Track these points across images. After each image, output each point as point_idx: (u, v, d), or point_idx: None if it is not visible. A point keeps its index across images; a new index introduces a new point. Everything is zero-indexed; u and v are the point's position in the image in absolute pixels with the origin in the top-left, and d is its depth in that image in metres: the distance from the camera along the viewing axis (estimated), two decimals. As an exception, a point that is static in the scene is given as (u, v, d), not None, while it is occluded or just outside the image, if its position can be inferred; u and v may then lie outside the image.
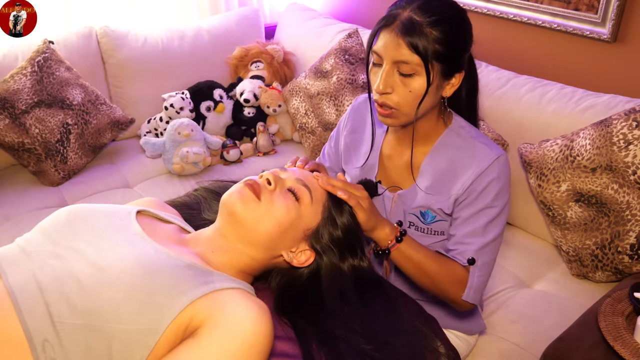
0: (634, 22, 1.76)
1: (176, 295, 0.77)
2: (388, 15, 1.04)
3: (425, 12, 1.01)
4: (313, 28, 2.62)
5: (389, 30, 1.02)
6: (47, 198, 1.99)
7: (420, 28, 1.00)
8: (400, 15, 1.02)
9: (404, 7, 1.03)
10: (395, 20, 1.02)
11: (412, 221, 1.20)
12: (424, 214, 1.18)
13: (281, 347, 0.88)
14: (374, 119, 1.22)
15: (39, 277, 0.77)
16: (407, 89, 1.04)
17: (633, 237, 1.49)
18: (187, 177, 2.15)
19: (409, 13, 1.01)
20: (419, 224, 1.19)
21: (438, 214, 1.16)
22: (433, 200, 1.15)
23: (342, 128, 1.34)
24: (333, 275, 0.96)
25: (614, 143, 1.50)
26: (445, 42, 1.01)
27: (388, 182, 1.23)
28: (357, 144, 1.28)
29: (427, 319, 1.09)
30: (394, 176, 1.22)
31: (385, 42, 1.03)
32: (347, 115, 1.34)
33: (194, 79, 2.46)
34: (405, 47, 1.00)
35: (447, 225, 1.18)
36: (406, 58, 1.01)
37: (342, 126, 1.34)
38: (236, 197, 0.91)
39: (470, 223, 1.12)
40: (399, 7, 1.04)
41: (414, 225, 1.19)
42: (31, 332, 0.72)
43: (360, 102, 1.32)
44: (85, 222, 0.89)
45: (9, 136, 1.95)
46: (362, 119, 1.30)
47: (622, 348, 1.10)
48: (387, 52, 1.03)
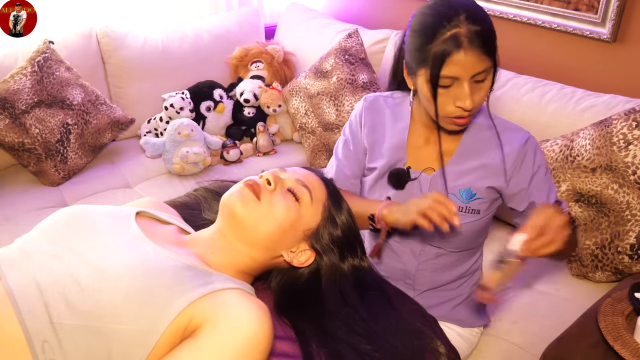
0: (634, 22, 1.76)
1: (175, 296, 0.77)
2: (448, 39, 1.02)
3: (478, 20, 1.03)
4: (313, 28, 2.62)
5: (462, 52, 1.02)
6: (47, 198, 1.99)
7: (485, 35, 1.03)
8: (461, 34, 1.02)
9: (457, 24, 1.02)
10: (461, 41, 1.02)
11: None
12: (464, 192, 1.22)
13: (281, 347, 0.88)
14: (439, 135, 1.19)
15: (38, 278, 0.77)
16: (481, 93, 1.08)
17: (633, 237, 1.49)
18: (187, 177, 2.15)
19: (467, 27, 1.02)
20: (458, 202, 1.22)
21: (479, 191, 1.21)
22: (475, 177, 1.21)
23: (360, 127, 1.31)
24: (333, 275, 0.96)
25: (614, 143, 1.50)
26: (495, 38, 1.07)
27: (420, 167, 1.25)
28: (379, 142, 1.29)
29: (427, 319, 1.09)
30: (427, 161, 1.25)
31: (461, 64, 1.03)
32: (361, 114, 1.31)
33: (194, 79, 2.46)
34: (482, 58, 1.03)
35: (484, 204, 1.22)
36: (484, 67, 1.05)
37: (359, 125, 1.32)
38: (236, 198, 0.91)
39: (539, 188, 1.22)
40: (452, 27, 1.02)
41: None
42: (30, 333, 0.72)
43: (371, 101, 1.31)
44: (85, 223, 0.89)
45: (9, 136, 1.95)
46: (379, 117, 1.29)
47: (622, 348, 1.10)
48: (466, 72, 1.04)
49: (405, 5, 2.55)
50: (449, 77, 1.05)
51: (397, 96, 1.30)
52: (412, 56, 1.10)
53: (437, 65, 1.04)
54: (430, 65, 1.05)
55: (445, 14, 1.03)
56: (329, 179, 1.05)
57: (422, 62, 1.07)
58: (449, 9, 1.04)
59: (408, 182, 1.24)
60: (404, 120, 1.26)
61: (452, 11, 1.04)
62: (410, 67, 1.13)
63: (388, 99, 1.30)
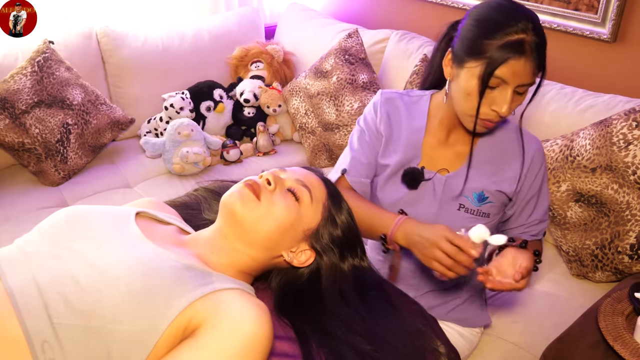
0: (634, 22, 1.76)
1: (175, 296, 0.77)
2: (514, 43, 1.01)
3: (542, 33, 1.04)
4: (313, 28, 2.62)
5: (522, 59, 1.02)
6: (47, 198, 1.99)
7: (544, 50, 1.04)
8: (527, 41, 1.01)
9: (525, 31, 1.02)
10: (525, 49, 1.01)
11: (462, 203, 1.22)
12: (477, 195, 1.22)
13: (281, 347, 0.88)
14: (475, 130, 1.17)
15: (38, 278, 0.77)
16: (517, 103, 1.09)
17: (633, 237, 1.49)
18: (187, 177, 2.15)
19: (532, 36, 1.02)
20: (470, 205, 1.22)
21: (492, 195, 1.21)
22: (488, 181, 1.21)
23: (377, 118, 1.28)
24: (333, 275, 0.96)
25: (613, 143, 1.50)
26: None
27: (434, 167, 1.24)
28: (394, 137, 1.27)
29: (427, 319, 1.09)
30: (441, 162, 1.24)
31: (516, 69, 1.03)
32: (378, 106, 1.28)
33: (194, 79, 2.46)
34: (534, 72, 1.04)
35: (495, 207, 1.23)
36: (532, 80, 1.05)
37: (375, 116, 1.28)
38: (236, 198, 0.91)
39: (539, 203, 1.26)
40: (519, 31, 1.02)
41: (464, 207, 1.22)
42: (30, 333, 0.72)
43: (388, 96, 1.28)
44: (85, 223, 0.89)
45: (9, 136, 1.95)
46: (396, 112, 1.27)
47: (622, 348, 1.10)
48: (515, 79, 1.04)
49: (405, 5, 2.55)
50: (499, 79, 1.04)
51: (413, 95, 1.29)
52: (466, 45, 1.07)
53: (495, 64, 1.02)
54: (488, 62, 1.03)
55: (516, 16, 1.02)
56: (329, 179, 1.05)
57: (477, 55, 1.05)
58: (520, 13, 1.03)
59: (422, 182, 1.23)
60: (420, 119, 1.25)
61: (522, 16, 1.03)
62: (458, 56, 1.09)
63: (404, 97, 1.28)
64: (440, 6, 2.36)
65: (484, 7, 1.09)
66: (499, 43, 1.02)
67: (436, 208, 1.23)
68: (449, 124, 1.22)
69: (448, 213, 1.22)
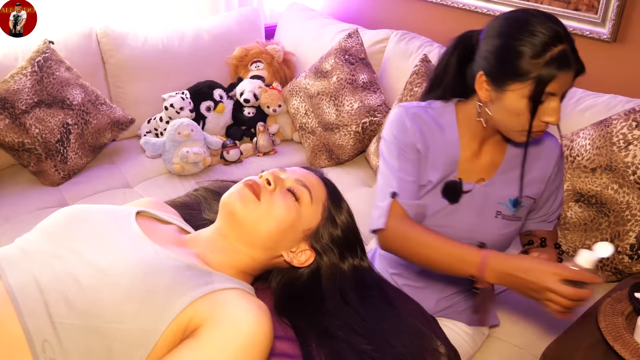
0: (634, 22, 1.76)
1: (176, 296, 0.77)
2: (558, 58, 1.00)
3: (569, 33, 1.03)
4: (313, 28, 2.62)
5: (570, 72, 1.02)
6: (47, 198, 1.99)
7: (576, 49, 1.03)
8: (568, 51, 1.01)
9: (561, 40, 1.01)
10: (569, 60, 1.01)
11: (499, 210, 1.23)
12: (512, 201, 1.23)
13: (281, 347, 0.88)
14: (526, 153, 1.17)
15: (38, 277, 0.77)
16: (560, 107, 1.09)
17: (633, 237, 1.49)
18: (187, 177, 2.15)
19: (568, 43, 1.01)
20: (506, 212, 1.23)
21: (523, 199, 1.23)
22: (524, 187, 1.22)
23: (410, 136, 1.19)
24: (333, 275, 0.96)
25: (613, 143, 1.50)
26: None
27: (471, 178, 1.23)
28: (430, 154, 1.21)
29: (427, 319, 1.09)
30: (476, 172, 1.23)
31: (564, 81, 1.03)
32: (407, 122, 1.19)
33: (194, 79, 2.46)
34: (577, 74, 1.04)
35: (525, 210, 1.25)
36: (574, 82, 1.06)
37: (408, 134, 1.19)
38: (236, 198, 0.91)
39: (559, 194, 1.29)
40: (557, 43, 1.01)
41: (501, 214, 1.23)
42: (31, 333, 0.72)
43: (415, 112, 1.21)
44: (85, 222, 0.89)
45: (9, 136, 1.95)
46: (427, 128, 1.20)
47: (622, 348, 1.09)
48: (563, 89, 1.04)
49: (405, 5, 2.55)
50: (548, 94, 1.03)
51: (435, 106, 1.23)
52: (503, 69, 1.05)
53: (544, 83, 1.01)
54: (536, 82, 1.01)
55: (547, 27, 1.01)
56: (329, 179, 1.05)
57: (521, 77, 1.03)
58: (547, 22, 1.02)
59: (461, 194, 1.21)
60: (452, 133, 1.20)
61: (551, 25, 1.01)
62: (497, 80, 1.07)
63: (428, 110, 1.22)
64: (440, 6, 2.37)
65: (505, 26, 1.06)
66: (543, 61, 1.00)
67: (475, 218, 1.22)
68: (482, 137, 1.20)
69: (486, 221, 1.23)
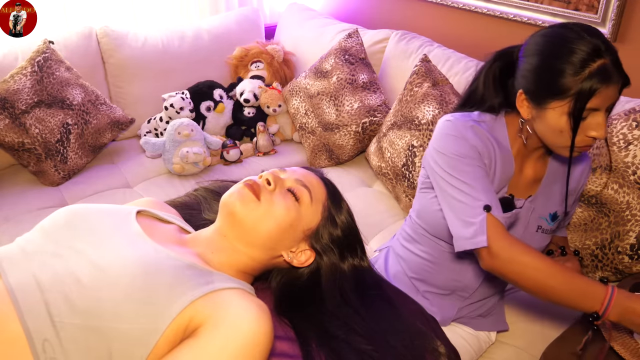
0: (634, 22, 1.76)
1: (176, 295, 0.78)
2: (597, 72, 0.98)
3: (611, 45, 1.00)
4: (313, 28, 2.62)
5: (612, 85, 0.99)
6: (47, 198, 1.99)
7: (620, 61, 1.00)
8: (608, 65, 0.98)
9: (600, 54, 0.98)
10: (610, 74, 0.98)
11: (540, 225, 1.24)
12: (551, 215, 1.24)
13: (281, 347, 0.88)
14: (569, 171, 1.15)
15: (38, 277, 0.77)
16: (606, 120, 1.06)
17: (633, 237, 1.49)
18: (187, 177, 2.15)
19: (610, 56, 0.99)
20: (545, 226, 1.24)
21: (559, 212, 1.25)
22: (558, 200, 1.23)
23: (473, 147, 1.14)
24: (333, 275, 0.96)
25: (614, 143, 1.50)
26: None
27: (519, 194, 1.23)
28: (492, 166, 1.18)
29: (427, 319, 1.09)
30: (522, 187, 1.23)
31: (607, 96, 1.00)
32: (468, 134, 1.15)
33: (194, 79, 2.46)
34: (621, 87, 1.01)
35: (559, 222, 1.27)
36: (619, 94, 1.03)
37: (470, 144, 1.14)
38: (236, 198, 0.91)
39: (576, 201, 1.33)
40: (596, 57, 0.98)
41: (541, 228, 1.24)
42: (31, 332, 0.72)
43: (472, 124, 1.16)
44: (85, 222, 0.89)
45: (9, 136, 1.95)
46: (486, 139, 1.17)
47: (622, 348, 1.09)
48: (606, 103, 1.01)
49: (405, 5, 2.55)
50: (590, 109, 1.01)
51: (485, 119, 1.20)
52: (543, 87, 1.04)
53: (584, 100, 0.99)
54: (576, 99, 0.99)
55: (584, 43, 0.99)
56: (329, 179, 1.05)
57: (560, 95, 1.01)
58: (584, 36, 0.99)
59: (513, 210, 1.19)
60: (506, 148, 1.18)
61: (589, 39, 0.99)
62: (537, 97, 1.06)
63: (482, 124, 1.18)
64: (440, 6, 2.37)
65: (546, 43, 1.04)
66: (582, 78, 0.98)
67: (520, 233, 1.23)
68: (524, 154, 1.20)
69: (529, 235, 1.24)
